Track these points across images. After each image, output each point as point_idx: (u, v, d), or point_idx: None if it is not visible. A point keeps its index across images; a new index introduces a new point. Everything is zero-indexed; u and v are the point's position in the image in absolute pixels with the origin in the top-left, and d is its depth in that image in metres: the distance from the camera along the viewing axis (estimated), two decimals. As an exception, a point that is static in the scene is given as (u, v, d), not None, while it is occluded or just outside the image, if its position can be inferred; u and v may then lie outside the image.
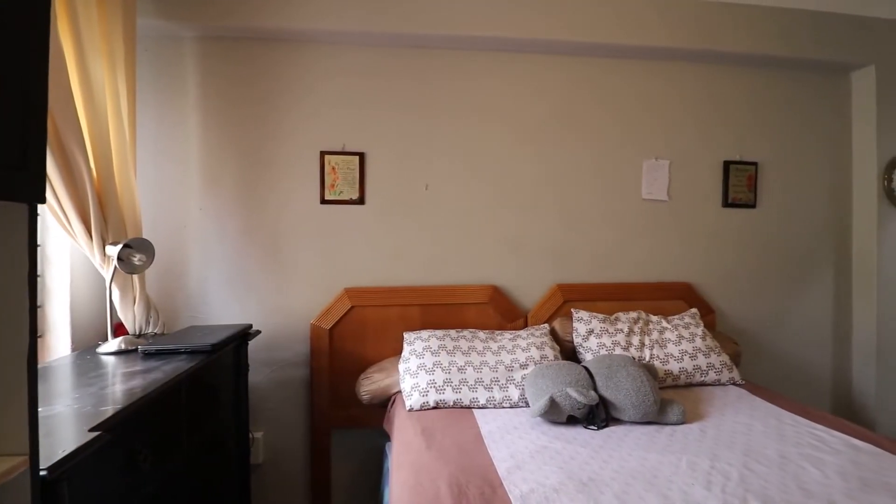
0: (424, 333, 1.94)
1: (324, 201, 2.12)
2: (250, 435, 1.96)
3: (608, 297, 2.29)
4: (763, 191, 2.48)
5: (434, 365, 1.79)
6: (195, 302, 2.06)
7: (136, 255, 1.60)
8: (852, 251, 2.57)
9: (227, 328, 1.74)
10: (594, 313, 2.14)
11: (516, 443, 1.45)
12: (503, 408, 1.73)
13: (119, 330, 1.73)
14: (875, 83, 2.46)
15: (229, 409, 1.77)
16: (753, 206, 2.47)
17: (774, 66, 2.46)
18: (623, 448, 1.42)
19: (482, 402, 1.73)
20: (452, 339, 1.90)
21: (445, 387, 1.74)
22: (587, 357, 2.00)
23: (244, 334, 1.78)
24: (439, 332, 1.94)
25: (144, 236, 1.73)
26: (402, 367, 1.84)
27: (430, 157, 2.22)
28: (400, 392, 1.82)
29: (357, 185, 2.14)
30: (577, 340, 2.07)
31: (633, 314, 2.15)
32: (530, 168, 2.30)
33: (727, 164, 2.43)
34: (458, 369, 1.78)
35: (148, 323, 1.80)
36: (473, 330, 2.01)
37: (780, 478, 1.24)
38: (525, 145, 2.29)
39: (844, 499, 1.14)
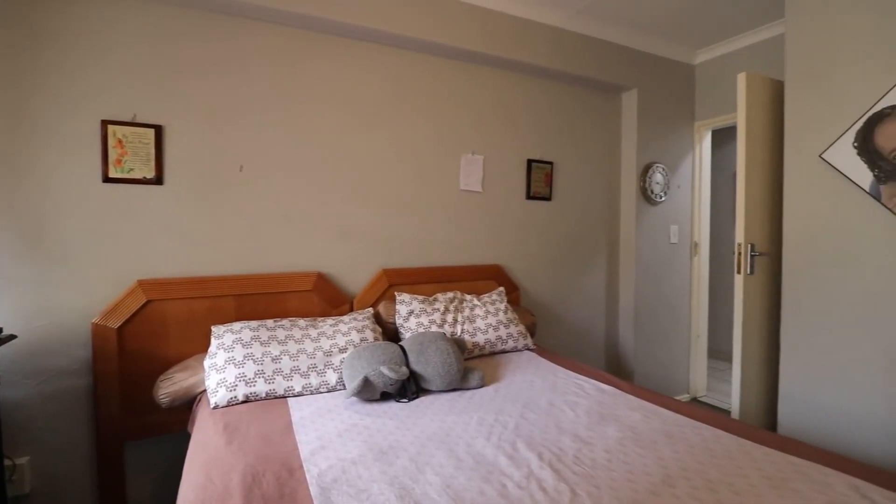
0: (236, 325, 1.83)
1: (107, 179, 1.82)
2: (8, 462, 1.61)
3: (430, 280, 2.46)
4: (557, 186, 2.93)
5: (245, 357, 1.70)
6: (-89, 304, 1.59)
7: None
8: (619, 237, 3.21)
9: (-42, 334, 1.39)
10: (415, 295, 2.28)
11: (326, 425, 1.47)
12: (320, 393, 1.74)
13: None
14: (636, 103, 3.09)
15: (-33, 435, 1.42)
16: (549, 199, 2.90)
17: (569, 81, 2.90)
18: (427, 415, 1.56)
19: (298, 389, 1.71)
20: (268, 329, 1.82)
21: (257, 378, 1.67)
22: (407, 336, 2.12)
23: (-14, 340, 1.44)
24: (253, 323, 1.84)
25: None
26: (207, 363, 1.70)
27: (246, 135, 2.07)
28: (206, 390, 1.69)
29: (153, 163, 1.88)
30: (398, 321, 2.18)
31: (450, 294, 2.35)
32: (358, 155, 2.31)
33: (530, 162, 2.80)
34: (273, 359, 1.72)
35: None
36: (293, 318, 1.96)
37: (545, 421, 1.51)
38: (354, 132, 2.29)
39: (585, 430, 1.44)
